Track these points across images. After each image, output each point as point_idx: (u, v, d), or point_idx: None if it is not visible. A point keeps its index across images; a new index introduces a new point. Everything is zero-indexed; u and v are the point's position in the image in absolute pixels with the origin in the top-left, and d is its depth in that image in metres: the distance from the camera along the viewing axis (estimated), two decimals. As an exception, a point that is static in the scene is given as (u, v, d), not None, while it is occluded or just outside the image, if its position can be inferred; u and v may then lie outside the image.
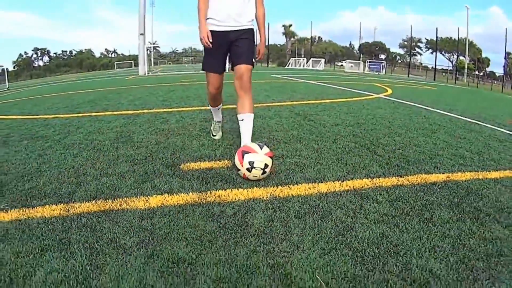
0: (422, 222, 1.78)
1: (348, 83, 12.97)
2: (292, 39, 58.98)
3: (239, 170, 2.17)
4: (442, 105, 7.71)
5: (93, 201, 1.97)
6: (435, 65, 37.59)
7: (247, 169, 2.10)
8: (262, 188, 2.10)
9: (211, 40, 2.46)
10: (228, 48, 2.61)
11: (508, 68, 38.57)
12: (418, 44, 52.79)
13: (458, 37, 38.53)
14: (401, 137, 3.70)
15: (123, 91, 8.96)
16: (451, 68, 47.46)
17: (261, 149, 2.16)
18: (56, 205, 1.94)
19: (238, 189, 2.07)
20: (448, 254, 1.50)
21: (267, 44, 44.96)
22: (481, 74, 44.30)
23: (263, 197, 1.98)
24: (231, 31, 2.54)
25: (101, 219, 1.77)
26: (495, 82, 40.38)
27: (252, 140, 2.53)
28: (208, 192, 2.03)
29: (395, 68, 47.05)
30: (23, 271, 1.36)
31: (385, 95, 8.73)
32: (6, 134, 3.85)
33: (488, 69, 49.88)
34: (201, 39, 2.50)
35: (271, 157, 2.17)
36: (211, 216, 1.76)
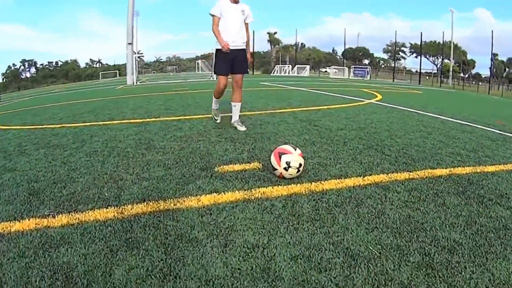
0: (437, 206, 2.20)
1: (337, 89, 13.57)
2: (276, 46, 60.23)
3: (275, 169, 2.53)
4: (432, 108, 8.32)
5: (144, 203, 2.20)
6: (420, 69, 39.26)
7: (284, 168, 2.47)
8: (299, 184, 2.48)
9: (229, 47, 4.13)
10: (232, 59, 4.25)
11: (494, 69, 40.61)
12: (402, 48, 55.01)
13: (443, 41, 40.33)
14: (402, 139, 4.15)
15: (119, 100, 9.14)
16: (435, 71, 49.52)
17: (295, 150, 2.54)
18: (107, 208, 2.12)
19: (278, 186, 2.43)
20: (464, 228, 1.91)
21: (252, 51, 46.16)
22: (466, 76, 46.36)
23: (302, 191, 2.35)
24: (233, 49, 4.20)
25: (160, 218, 1.99)
26: (480, 83, 42.45)
27: (265, 141, 3.68)
28: (252, 190, 2.38)
29: (379, 73, 48.70)
30: (100, 271, 1.46)
31: (376, 101, 9.31)
32: (18, 144, 3.99)
33: (474, 71, 52.24)
34: (223, 47, 4.14)
35: (303, 157, 2.54)
36: (264, 209, 2.11)
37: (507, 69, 50.34)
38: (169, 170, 2.86)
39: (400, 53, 54.84)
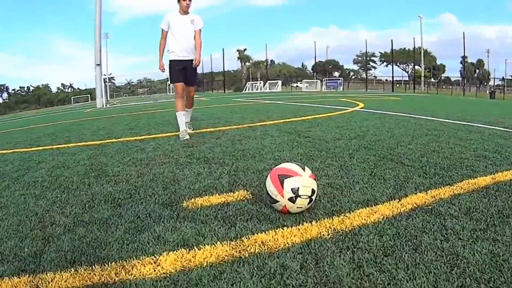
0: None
1: (315, 101, 13.06)
2: (247, 63, 60.12)
3: (276, 202, 1.69)
4: (422, 112, 7.86)
5: (72, 269, 1.37)
6: (393, 77, 40.05)
7: (290, 199, 1.63)
8: (314, 222, 1.63)
9: (164, 69, 4.54)
10: (183, 69, 4.40)
11: (464, 72, 42.23)
12: (372, 58, 56.25)
13: (414, 47, 41.31)
14: (413, 145, 3.51)
15: (84, 122, 8.34)
16: (406, 78, 50.98)
17: (304, 170, 1.72)
18: (18, 276, 1.35)
19: (282, 229, 1.58)
20: None
21: (223, 70, 46.21)
22: (437, 80, 47.99)
23: (323, 234, 1.51)
24: (183, 60, 4.38)
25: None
26: (450, 87, 43.98)
27: (250, 160, 2.91)
28: (244, 239, 1.52)
29: (350, 84, 49.52)
30: None
31: (360, 108, 8.76)
32: None
33: (444, 75, 54.25)
34: (169, 61, 4.42)
35: (315, 180, 1.73)
36: (269, 275, 1.25)
37: (477, 70, 52.59)
38: (118, 208, 2.01)
39: (371, 62, 56.16)
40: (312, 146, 3.52)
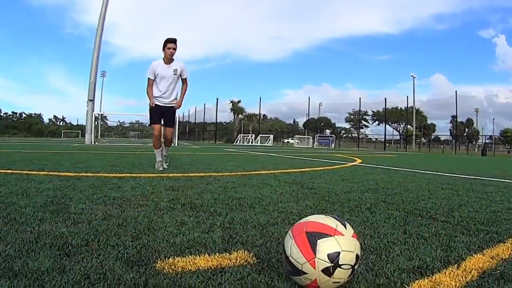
0: None
1: (311, 155, 12.78)
2: (240, 115, 60.84)
3: (301, 274, 1.16)
4: (424, 167, 7.57)
5: None
6: (385, 135, 40.68)
7: (326, 270, 1.11)
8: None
9: (154, 104, 5.03)
10: (162, 113, 5.09)
11: (456, 130, 43.25)
12: (365, 117, 57.61)
13: (407, 106, 42.34)
14: (434, 199, 3.20)
15: (66, 154, 8.00)
16: (397, 137, 51.94)
17: (345, 227, 1.23)
18: None
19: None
20: None
21: (215, 120, 46.77)
22: (427, 140, 48.92)
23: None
24: (162, 106, 5.07)
25: None
26: (442, 146, 44.63)
27: (248, 210, 2.41)
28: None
29: (341, 142, 50.16)
30: None
31: (359, 163, 8.44)
32: None
33: (434, 134, 55.54)
34: (150, 105, 5.04)
35: (358, 240, 1.24)
36: None
37: (466, 129, 54.07)
38: (64, 258, 1.40)
39: (363, 121, 57.37)
40: (320, 198, 3.05)
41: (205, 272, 1.35)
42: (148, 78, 4.94)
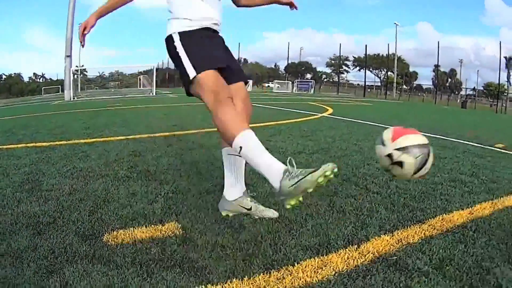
0: None
1: (285, 103, 12.83)
2: (219, 61, 58.92)
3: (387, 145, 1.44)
4: (395, 121, 7.74)
5: None
6: (365, 82, 40.80)
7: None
8: (246, 278, 1.24)
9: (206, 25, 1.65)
10: (219, 44, 1.74)
11: (436, 80, 43.76)
12: (346, 62, 56.98)
13: (388, 53, 42.09)
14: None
15: (45, 117, 7.89)
16: (378, 83, 52.17)
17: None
18: None
19: (206, 286, 1.19)
20: None
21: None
22: (409, 87, 49.42)
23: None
24: (212, 28, 1.71)
25: None
26: (422, 94, 45.34)
27: (194, 177, 2.44)
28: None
29: (322, 87, 50.11)
30: None
31: (328, 114, 8.58)
32: None
33: (416, 82, 56.01)
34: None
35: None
36: None
37: (449, 80, 54.65)
38: (37, 236, 1.61)
39: (344, 66, 56.87)
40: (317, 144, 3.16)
41: (139, 244, 1.54)
42: None
